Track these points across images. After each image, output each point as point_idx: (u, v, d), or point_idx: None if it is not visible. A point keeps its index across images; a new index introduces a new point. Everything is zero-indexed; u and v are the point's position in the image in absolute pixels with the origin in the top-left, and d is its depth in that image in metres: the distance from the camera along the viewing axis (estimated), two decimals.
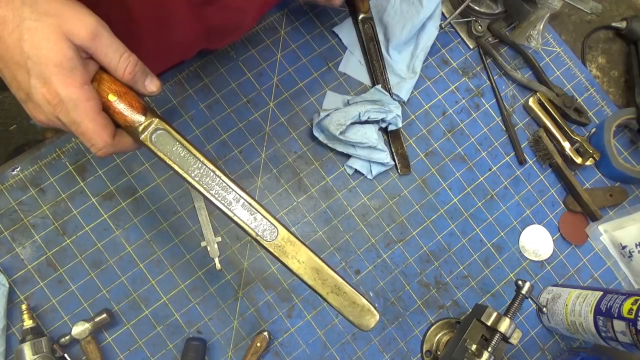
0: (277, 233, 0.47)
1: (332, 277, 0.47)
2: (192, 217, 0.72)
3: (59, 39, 0.39)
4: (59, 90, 0.40)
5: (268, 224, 0.47)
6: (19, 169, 0.71)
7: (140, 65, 0.43)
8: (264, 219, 0.47)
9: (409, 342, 0.73)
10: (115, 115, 0.44)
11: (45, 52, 0.39)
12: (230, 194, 0.46)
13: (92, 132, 0.42)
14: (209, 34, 0.68)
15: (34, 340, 0.63)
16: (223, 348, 0.70)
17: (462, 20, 0.83)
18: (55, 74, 0.40)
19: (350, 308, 0.47)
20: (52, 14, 0.39)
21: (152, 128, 0.45)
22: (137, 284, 0.70)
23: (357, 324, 0.47)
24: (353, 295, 0.47)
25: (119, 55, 0.42)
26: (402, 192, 0.77)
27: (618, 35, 0.91)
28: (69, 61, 0.40)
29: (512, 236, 0.78)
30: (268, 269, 0.73)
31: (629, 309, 0.60)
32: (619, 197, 0.81)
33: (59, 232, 0.70)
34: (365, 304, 0.47)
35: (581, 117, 0.82)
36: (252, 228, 0.46)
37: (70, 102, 0.41)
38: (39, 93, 0.41)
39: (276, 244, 0.46)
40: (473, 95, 0.82)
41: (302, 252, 0.47)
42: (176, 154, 0.46)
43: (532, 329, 0.76)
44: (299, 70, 0.79)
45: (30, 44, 0.39)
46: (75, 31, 0.40)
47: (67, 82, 0.40)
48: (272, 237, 0.47)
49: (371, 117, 0.73)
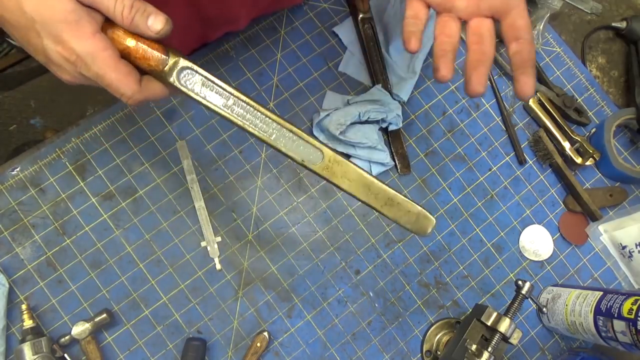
0: (323, 155, 0.46)
1: (383, 190, 0.47)
2: (192, 217, 0.72)
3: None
4: (73, 45, 0.39)
5: (312, 148, 0.46)
6: (19, 169, 0.71)
7: (138, 6, 0.40)
8: (307, 144, 0.46)
9: (409, 342, 0.73)
10: (138, 61, 0.42)
11: (45, 10, 0.38)
12: (270, 125, 0.46)
13: (117, 81, 0.41)
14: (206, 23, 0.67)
15: (34, 340, 0.63)
16: (223, 348, 0.70)
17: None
18: (63, 31, 0.38)
19: (406, 217, 0.48)
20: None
21: (178, 68, 0.43)
22: (137, 284, 0.70)
23: (415, 230, 0.48)
24: (407, 205, 0.48)
25: (113, 0, 0.39)
26: (402, 192, 0.77)
27: (618, 35, 0.91)
28: (72, 14, 0.38)
29: (512, 236, 0.78)
30: (268, 269, 0.73)
31: (629, 309, 0.60)
32: (619, 197, 0.81)
33: (59, 232, 0.70)
34: (421, 210, 0.48)
35: (581, 117, 0.82)
36: (297, 154, 0.46)
37: (88, 56, 0.40)
38: (55, 53, 0.40)
39: (324, 166, 0.46)
40: None
41: (350, 171, 0.47)
42: (207, 92, 0.44)
43: (532, 329, 0.76)
44: (299, 70, 0.79)
45: (29, 5, 0.38)
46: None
47: (78, 36, 0.39)
48: (318, 160, 0.46)
49: (371, 117, 0.73)
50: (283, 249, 0.74)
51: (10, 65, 1.30)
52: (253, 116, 0.45)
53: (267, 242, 0.73)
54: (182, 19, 0.63)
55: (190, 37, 0.71)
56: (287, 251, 0.74)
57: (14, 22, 0.39)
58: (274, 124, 0.46)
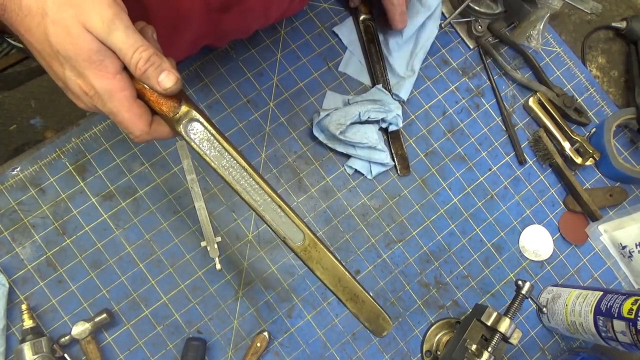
0: (304, 238, 0.48)
1: (353, 285, 0.49)
2: (192, 217, 0.72)
3: (80, 33, 0.38)
4: (93, 82, 0.40)
5: (296, 229, 0.48)
6: (19, 169, 0.71)
7: (154, 60, 0.41)
8: (292, 223, 0.48)
9: (409, 342, 0.73)
10: (151, 103, 0.44)
11: (71, 47, 0.39)
12: (262, 194, 0.47)
13: (129, 121, 0.43)
14: (219, 36, 0.69)
15: (34, 340, 0.63)
16: (223, 348, 0.70)
17: (462, 20, 0.83)
18: (86, 68, 0.40)
19: (367, 314, 0.50)
20: (72, 4, 0.38)
21: (187, 119, 0.45)
22: (137, 284, 0.70)
23: (372, 330, 0.50)
24: (370, 304, 0.50)
25: (132, 50, 0.40)
26: (402, 192, 0.77)
27: (618, 35, 0.91)
28: (97, 54, 0.39)
29: (512, 236, 0.78)
30: (268, 269, 0.73)
31: (629, 309, 0.60)
32: (619, 197, 0.81)
33: (59, 232, 0.70)
34: (381, 312, 0.50)
35: (581, 117, 0.82)
36: (280, 229, 0.48)
37: (106, 94, 0.41)
38: (75, 85, 0.41)
39: (303, 248, 0.48)
40: (473, 95, 0.82)
41: (326, 259, 0.48)
42: (210, 147, 0.46)
43: (532, 329, 0.76)
44: (299, 70, 0.79)
45: (55, 39, 0.38)
46: (91, 24, 0.39)
47: (99, 75, 0.40)
48: (299, 242, 0.48)
49: (371, 116, 0.73)
50: (283, 249, 0.74)
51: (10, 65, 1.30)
52: (248, 184, 0.47)
53: (267, 242, 0.74)
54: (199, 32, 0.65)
55: (201, 44, 0.72)
56: (287, 251, 0.74)
57: (40, 49, 0.41)
58: (265, 195, 0.47)
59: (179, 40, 0.65)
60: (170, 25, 0.60)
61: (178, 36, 0.63)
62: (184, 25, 0.61)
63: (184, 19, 0.60)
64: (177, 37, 0.64)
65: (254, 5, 0.65)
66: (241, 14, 0.65)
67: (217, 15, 0.62)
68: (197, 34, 0.65)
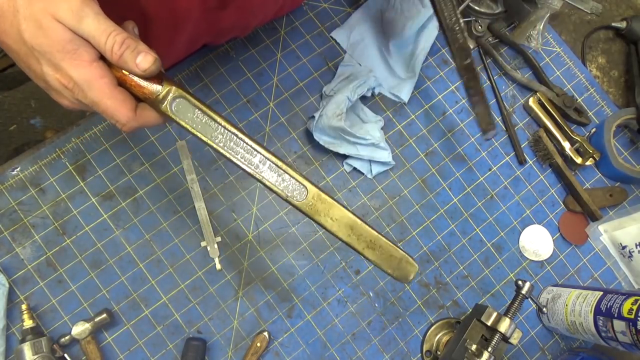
0: (307, 192, 0.46)
1: (367, 231, 0.46)
2: (192, 217, 0.72)
3: (51, 24, 0.38)
4: (71, 73, 0.40)
5: (297, 184, 0.46)
6: (19, 169, 0.71)
7: (129, 43, 0.40)
8: (292, 179, 0.46)
9: (409, 342, 0.73)
10: (132, 88, 0.43)
11: (44, 40, 0.38)
12: (256, 156, 0.45)
13: (112, 109, 0.42)
14: (217, 33, 0.69)
15: (34, 340, 0.63)
16: (223, 348, 0.70)
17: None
18: (62, 60, 0.39)
19: (388, 261, 0.47)
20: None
21: (170, 97, 0.44)
22: (137, 284, 0.70)
23: (397, 276, 0.47)
24: (389, 248, 0.47)
25: (105, 35, 0.40)
26: (402, 192, 0.77)
27: (618, 35, 0.91)
28: (70, 43, 0.39)
29: (512, 236, 0.78)
30: (268, 269, 0.73)
31: (629, 309, 0.60)
32: (619, 197, 0.81)
33: (59, 232, 0.70)
34: (403, 255, 0.47)
35: (581, 117, 0.82)
36: (281, 189, 0.46)
37: (85, 83, 0.40)
38: (54, 79, 0.40)
39: (307, 203, 0.46)
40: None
41: (334, 210, 0.46)
42: (197, 121, 0.44)
43: (532, 329, 0.76)
44: (299, 70, 0.79)
45: (28, 34, 0.38)
46: (60, 14, 0.38)
47: (75, 65, 0.40)
48: (302, 197, 0.46)
49: (359, 93, 0.73)
50: (283, 249, 0.74)
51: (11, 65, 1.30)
52: (241, 148, 0.45)
53: (267, 242, 0.73)
54: (196, 35, 0.65)
55: (199, 43, 0.72)
56: (287, 251, 0.74)
57: (15, 48, 0.40)
58: (262, 157, 0.45)
59: (178, 39, 0.65)
60: (169, 25, 0.61)
61: (177, 35, 0.64)
62: (182, 24, 0.61)
63: (182, 17, 0.60)
64: (176, 36, 0.64)
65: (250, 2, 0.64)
66: (238, 10, 0.64)
67: (214, 13, 0.62)
68: (196, 32, 0.65)
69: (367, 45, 0.80)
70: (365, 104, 0.79)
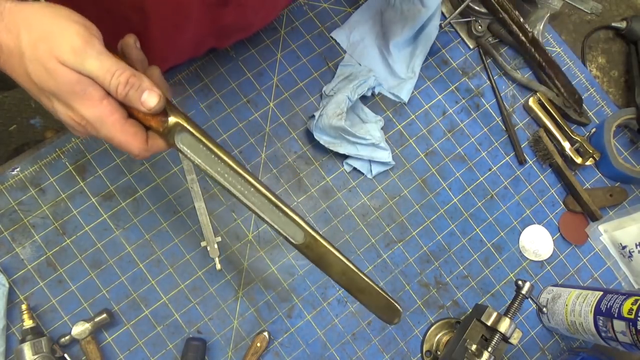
0: (304, 235, 0.48)
1: (359, 278, 0.49)
2: (192, 217, 0.72)
3: (57, 67, 0.39)
4: (82, 112, 0.41)
5: (295, 226, 0.48)
6: (19, 169, 0.71)
7: (133, 82, 0.41)
8: (291, 222, 0.47)
9: (409, 342, 0.73)
10: (141, 119, 0.44)
11: (52, 82, 0.39)
12: (258, 196, 0.47)
13: (125, 142, 0.43)
14: (220, 33, 0.69)
15: (34, 340, 0.63)
16: (223, 348, 0.70)
17: (462, 20, 0.83)
18: (72, 100, 0.40)
19: (376, 305, 0.50)
20: (43, 38, 0.39)
21: (176, 130, 0.45)
22: (137, 284, 0.70)
23: (383, 319, 0.51)
24: (378, 296, 0.50)
25: (110, 75, 0.40)
26: (402, 192, 0.77)
27: (618, 35, 0.91)
28: (78, 84, 0.40)
29: (512, 236, 0.78)
30: (268, 269, 0.73)
31: (629, 309, 0.60)
32: (619, 197, 0.81)
33: (59, 232, 0.70)
34: (390, 302, 0.50)
35: (581, 117, 0.82)
36: (281, 229, 0.48)
37: (97, 121, 0.41)
38: (67, 116, 0.42)
39: (305, 245, 0.48)
40: (473, 95, 0.82)
41: (328, 254, 0.48)
42: (202, 154, 0.46)
43: (532, 329, 0.76)
44: (299, 70, 0.79)
45: (36, 77, 0.39)
46: (64, 57, 0.39)
47: (86, 104, 0.40)
48: (300, 238, 0.48)
49: (359, 92, 0.73)
50: (283, 249, 0.74)
51: None
52: (243, 186, 0.47)
53: (267, 242, 0.74)
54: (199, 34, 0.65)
55: (204, 46, 0.72)
56: (287, 251, 0.74)
57: (26, 86, 0.41)
58: (262, 197, 0.47)
59: (180, 38, 0.65)
60: (170, 24, 0.61)
61: (179, 34, 0.64)
62: (184, 23, 0.61)
63: (183, 15, 0.60)
64: (178, 36, 0.64)
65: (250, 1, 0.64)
66: (239, 7, 0.64)
67: (215, 10, 0.62)
68: (198, 31, 0.65)
69: (367, 45, 0.80)
70: (365, 104, 0.79)
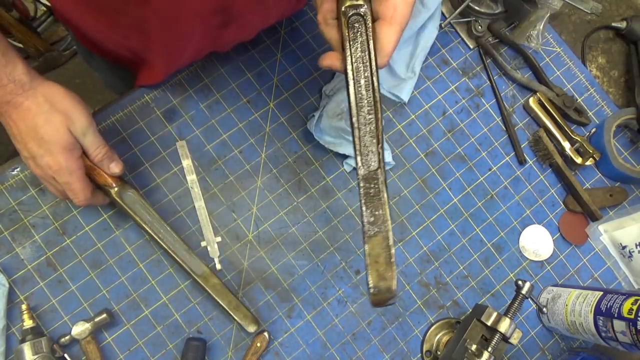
0: (204, 270, 0.67)
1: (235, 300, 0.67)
2: (192, 217, 0.72)
3: (65, 132, 0.57)
4: (62, 162, 0.57)
5: (199, 263, 0.67)
6: (18, 169, 0.71)
7: (108, 155, 0.62)
8: (197, 260, 0.67)
9: (409, 342, 0.73)
10: (96, 177, 0.63)
11: (55, 138, 0.57)
12: (175, 239, 0.66)
13: (80, 189, 0.60)
14: (220, 46, 0.72)
15: (33, 340, 0.63)
16: (223, 348, 0.70)
17: (462, 20, 0.83)
18: (60, 152, 0.57)
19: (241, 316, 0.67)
20: (62, 112, 0.57)
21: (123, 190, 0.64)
22: (137, 284, 0.70)
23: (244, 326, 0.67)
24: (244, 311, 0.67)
25: (95, 146, 0.61)
26: (402, 192, 0.77)
27: (618, 35, 0.92)
28: (71, 144, 0.58)
29: (512, 236, 0.78)
30: (268, 269, 0.73)
31: (629, 309, 0.60)
32: (619, 197, 0.81)
33: (59, 232, 0.70)
34: (250, 316, 0.67)
35: (581, 117, 0.82)
36: (187, 264, 0.66)
37: (67, 170, 0.58)
38: (45, 160, 0.57)
39: (203, 277, 0.66)
40: (473, 95, 0.82)
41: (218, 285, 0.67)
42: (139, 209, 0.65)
43: (532, 329, 0.76)
44: (299, 70, 0.79)
45: (45, 131, 0.56)
46: (73, 128, 0.58)
47: (67, 157, 0.58)
48: (201, 272, 0.67)
49: None
50: (283, 249, 0.74)
51: None
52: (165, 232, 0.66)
53: (267, 242, 0.74)
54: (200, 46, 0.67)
55: (204, 53, 0.73)
56: (287, 251, 0.74)
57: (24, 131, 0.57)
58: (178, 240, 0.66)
59: (180, 55, 0.68)
60: (171, 44, 0.64)
61: (179, 52, 0.67)
62: (185, 43, 0.64)
63: (185, 38, 0.63)
64: (178, 54, 0.67)
65: (252, 19, 0.66)
66: (240, 28, 0.66)
67: (216, 31, 0.64)
68: (199, 48, 0.68)
69: None
70: None
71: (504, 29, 0.84)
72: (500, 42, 0.84)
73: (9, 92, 0.55)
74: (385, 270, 0.48)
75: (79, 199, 0.60)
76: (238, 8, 0.60)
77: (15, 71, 0.55)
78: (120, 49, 0.69)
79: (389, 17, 0.49)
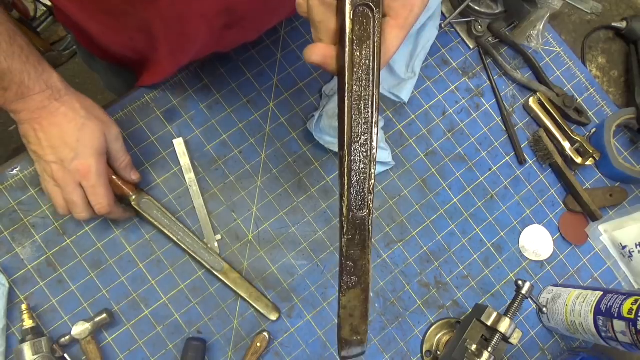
0: (223, 266, 0.70)
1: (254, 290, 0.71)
2: (192, 217, 0.72)
3: (101, 136, 0.61)
4: (92, 164, 0.60)
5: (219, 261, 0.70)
6: (18, 169, 0.71)
7: (129, 163, 0.67)
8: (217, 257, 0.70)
9: (409, 342, 0.73)
10: (116, 188, 0.66)
11: (92, 142, 0.60)
12: (195, 241, 0.70)
13: (104, 194, 0.62)
14: (223, 47, 0.72)
15: (34, 340, 0.63)
16: (223, 348, 0.70)
17: (462, 20, 0.83)
18: (92, 155, 0.60)
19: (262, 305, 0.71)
20: (99, 119, 0.61)
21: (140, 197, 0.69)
22: (137, 284, 0.70)
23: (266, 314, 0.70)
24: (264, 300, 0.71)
25: (122, 153, 0.65)
26: (402, 192, 0.77)
27: (618, 35, 0.91)
28: (103, 149, 0.62)
29: (512, 236, 0.78)
30: (268, 269, 0.73)
31: (629, 309, 0.60)
32: (619, 197, 0.81)
33: (59, 232, 0.70)
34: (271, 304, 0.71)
35: (581, 117, 0.82)
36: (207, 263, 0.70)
37: (97, 173, 0.60)
38: (74, 164, 0.59)
39: (223, 273, 0.70)
40: (473, 95, 0.82)
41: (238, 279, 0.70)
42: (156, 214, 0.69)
43: (532, 329, 0.76)
44: (299, 70, 0.79)
45: (83, 135, 0.59)
46: (108, 135, 0.62)
47: (98, 160, 0.61)
48: (221, 268, 0.70)
49: None
50: (283, 249, 0.74)
51: None
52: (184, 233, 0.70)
53: (267, 242, 0.74)
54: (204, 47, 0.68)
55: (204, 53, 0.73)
56: (287, 251, 0.74)
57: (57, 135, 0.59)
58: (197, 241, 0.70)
59: (184, 56, 0.68)
60: (177, 46, 0.64)
61: (184, 53, 0.67)
62: (190, 45, 0.65)
63: (190, 40, 0.63)
64: (183, 55, 0.67)
65: (256, 20, 0.67)
66: (243, 30, 0.67)
67: (220, 32, 0.64)
68: (203, 49, 0.68)
69: None
70: None
71: (504, 29, 0.84)
72: (500, 42, 0.84)
73: (47, 97, 0.58)
74: (359, 324, 0.45)
75: (102, 205, 0.62)
76: (243, 9, 0.61)
77: (51, 79, 0.58)
78: (125, 50, 0.69)
79: (403, 18, 0.41)
